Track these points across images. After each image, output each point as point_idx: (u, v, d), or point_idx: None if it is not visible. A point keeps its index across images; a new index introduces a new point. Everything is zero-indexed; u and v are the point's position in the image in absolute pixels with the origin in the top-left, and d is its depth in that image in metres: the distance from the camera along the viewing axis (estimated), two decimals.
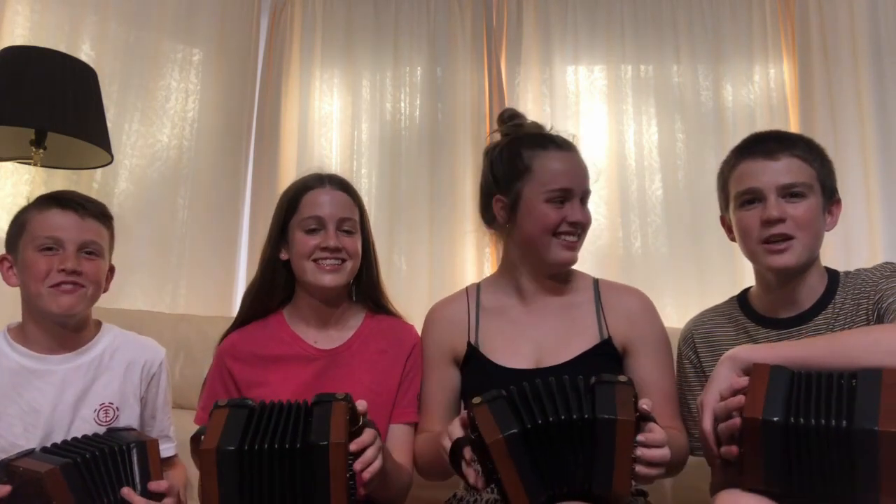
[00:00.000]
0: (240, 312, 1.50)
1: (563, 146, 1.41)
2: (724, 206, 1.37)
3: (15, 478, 1.14)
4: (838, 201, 1.32)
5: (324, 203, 1.41)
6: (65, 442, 1.23)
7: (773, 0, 2.56)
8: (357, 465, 1.05)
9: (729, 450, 1.04)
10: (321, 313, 1.45)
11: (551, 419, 1.00)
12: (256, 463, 1.02)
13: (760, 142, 1.31)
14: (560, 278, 1.42)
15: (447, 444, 1.07)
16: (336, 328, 1.46)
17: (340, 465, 1.01)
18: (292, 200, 1.44)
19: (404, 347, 1.46)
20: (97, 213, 1.34)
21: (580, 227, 1.36)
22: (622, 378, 1.05)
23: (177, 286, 2.35)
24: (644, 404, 1.01)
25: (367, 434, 1.10)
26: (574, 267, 1.45)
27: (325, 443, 1.01)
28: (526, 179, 1.38)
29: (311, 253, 1.38)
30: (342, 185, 1.46)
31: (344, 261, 1.39)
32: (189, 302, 2.34)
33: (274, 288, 1.46)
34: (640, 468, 0.99)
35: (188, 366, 1.75)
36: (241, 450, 1.01)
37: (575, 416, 1.00)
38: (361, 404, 1.12)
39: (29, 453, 1.19)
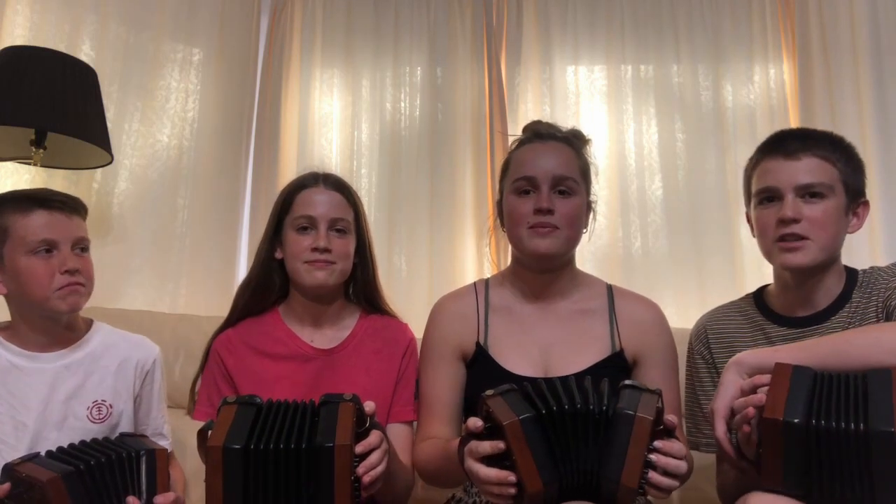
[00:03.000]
0: (234, 309, 1.49)
1: (540, 137, 1.37)
2: (748, 202, 1.37)
3: (17, 483, 1.12)
4: (865, 203, 1.31)
5: (316, 202, 1.41)
6: (72, 446, 1.21)
7: (773, 1, 2.56)
8: (360, 470, 1.04)
9: (743, 433, 1.04)
10: (315, 312, 1.44)
11: (567, 407, 1.00)
12: (262, 462, 1.01)
13: (784, 140, 1.30)
14: (570, 279, 1.39)
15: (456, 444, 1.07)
16: (331, 327, 1.46)
17: (345, 468, 1.01)
18: (287, 199, 1.44)
19: (399, 347, 1.45)
20: (79, 207, 1.33)
21: (551, 215, 1.28)
22: (652, 387, 1.05)
23: (177, 286, 2.34)
24: (670, 417, 1.01)
25: (374, 436, 1.09)
26: (583, 269, 1.44)
27: (331, 444, 1.01)
28: (504, 176, 1.39)
29: (303, 254, 1.38)
30: (337, 185, 1.45)
31: (333, 262, 1.38)
32: (189, 302, 2.34)
33: (270, 286, 1.46)
34: (654, 476, 0.98)
35: (188, 365, 1.75)
36: (248, 448, 1.01)
37: (592, 408, 1.00)
38: (369, 405, 1.10)
39: (33, 457, 1.16)
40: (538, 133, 1.39)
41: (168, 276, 2.34)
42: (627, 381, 1.05)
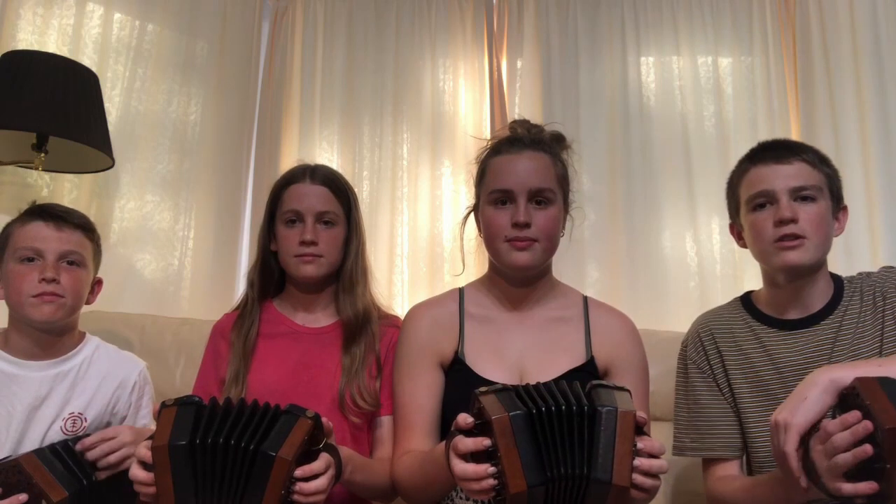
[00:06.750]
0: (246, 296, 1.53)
1: (518, 146, 1.34)
2: (734, 213, 1.39)
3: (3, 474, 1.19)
4: (845, 208, 1.35)
5: (302, 196, 1.45)
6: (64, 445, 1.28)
7: (774, 1, 2.56)
8: (295, 496, 1.04)
9: (869, 486, 0.94)
10: (307, 299, 1.49)
11: (563, 407, 0.99)
12: (210, 456, 1.02)
13: (771, 148, 1.34)
14: (547, 288, 1.38)
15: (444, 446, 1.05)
16: (324, 311, 1.50)
17: (279, 481, 1.01)
18: (276, 194, 1.49)
19: (385, 337, 1.46)
20: (78, 224, 1.38)
21: (528, 228, 1.27)
22: (619, 384, 1.05)
23: (178, 289, 2.35)
24: (641, 413, 0.99)
25: (321, 462, 1.08)
26: (563, 281, 1.43)
27: (273, 454, 1.01)
28: (481, 186, 1.37)
29: (292, 248, 1.42)
30: (325, 179, 1.48)
31: (320, 256, 1.41)
32: (191, 305, 2.34)
33: (270, 274, 1.51)
34: (636, 477, 0.97)
35: (189, 369, 1.76)
36: (193, 443, 1.02)
37: (575, 408, 0.99)
38: (328, 425, 1.10)
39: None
40: (513, 140, 1.36)
41: (169, 278, 2.34)
42: (596, 382, 1.04)
